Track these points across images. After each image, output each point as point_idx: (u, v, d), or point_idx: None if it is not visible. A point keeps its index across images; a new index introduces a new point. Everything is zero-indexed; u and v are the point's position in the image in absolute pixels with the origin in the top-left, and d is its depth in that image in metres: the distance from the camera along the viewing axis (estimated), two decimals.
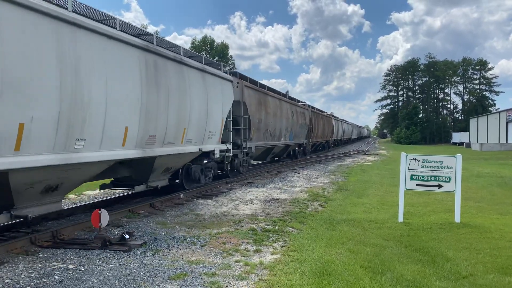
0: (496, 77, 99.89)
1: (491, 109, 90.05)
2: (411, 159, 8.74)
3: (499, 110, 66.39)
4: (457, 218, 8.57)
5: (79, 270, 5.41)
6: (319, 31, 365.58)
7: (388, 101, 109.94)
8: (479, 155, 38.28)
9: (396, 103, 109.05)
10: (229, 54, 79.80)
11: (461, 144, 68.79)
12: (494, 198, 12.31)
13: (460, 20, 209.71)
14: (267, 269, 5.49)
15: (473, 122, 69.95)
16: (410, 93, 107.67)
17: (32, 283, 4.91)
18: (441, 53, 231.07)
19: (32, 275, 5.19)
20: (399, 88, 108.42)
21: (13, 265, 5.53)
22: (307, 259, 5.84)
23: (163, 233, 7.43)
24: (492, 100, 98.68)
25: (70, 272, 5.31)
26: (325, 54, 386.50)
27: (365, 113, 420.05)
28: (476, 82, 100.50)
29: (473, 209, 10.27)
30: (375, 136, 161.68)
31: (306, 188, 14.06)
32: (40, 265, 5.56)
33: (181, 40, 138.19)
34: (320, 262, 5.71)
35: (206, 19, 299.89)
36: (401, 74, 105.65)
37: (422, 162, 8.69)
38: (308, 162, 25.20)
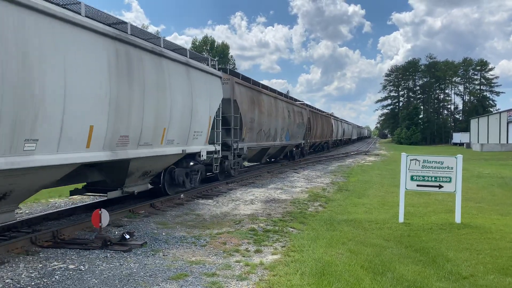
0: (496, 77, 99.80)
1: (491, 109, 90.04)
2: (412, 160, 8.75)
3: (500, 110, 66.37)
4: (458, 219, 8.57)
5: (80, 270, 5.41)
6: (320, 32, 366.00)
7: (389, 101, 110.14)
8: (479, 156, 38.27)
9: (397, 104, 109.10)
10: (229, 54, 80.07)
11: (461, 144, 68.79)
12: (495, 199, 12.31)
13: (460, 21, 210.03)
14: (267, 269, 5.49)
15: (473, 122, 69.92)
16: (410, 94, 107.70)
17: (33, 283, 4.92)
18: (442, 53, 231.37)
19: (32, 275, 5.19)
20: (399, 89, 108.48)
21: (14, 265, 5.53)
22: (307, 260, 5.84)
23: (163, 233, 7.43)
24: (493, 100, 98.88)
25: (71, 272, 5.31)
26: (326, 55, 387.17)
27: (366, 114, 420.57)
28: (476, 82, 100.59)
29: (474, 210, 10.27)
30: (375, 137, 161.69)
31: (307, 188, 14.06)
32: (41, 265, 5.56)
33: (181, 40, 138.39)
34: (321, 263, 5.71)
35: (207, 19, 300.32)
36: (402, 74, 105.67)
37: (423, 162, 8.69)
38: (308, 163, 25.20)
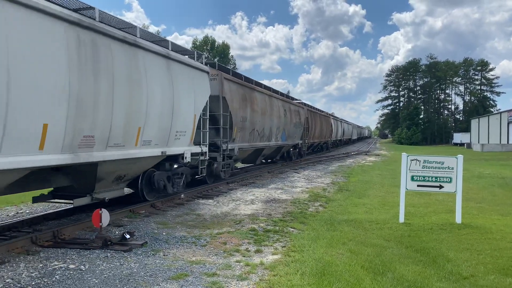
0: (497, 77, 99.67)
1: (492, 109, 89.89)
2: (412, 160, 8.74)
3: (500, 111, 66.27)
4: (458, 219, 8.56)
5: (80, 269, 5.42)
6: (320, 32, 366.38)
7: (389, 101, 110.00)
8: (480, 156, 38.25)
9: (397, 104, 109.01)
10: (230, 54, 79.99)
11: (462, 144, 68.74)
12: (495, 199, 12.30)
13: (461, 21, 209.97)
14: (267, 269, 5.49)
15: (474, 122, 69.85)
16: (411, 94, 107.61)
17: (33, 283, 4.92)
18: (442, 53, 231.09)
19: (33, 274, 5.20)
20: (400, 89, 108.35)
21: (14, 264, 5.54)
22: (307, 260, 5.84)
23: (164, 233, 7.44)
24: (493, 100, 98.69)
25: (71, 272, 5.32)
26: (326, 55, 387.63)
27: (366, 114, 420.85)
28: (477, 82, 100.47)
29: (474, 210, 10.27)
30: (376, 137, 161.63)
31: (307, 188, 14.05)
32: (41, 265, 5.56)
33: (182, 40, 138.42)
34: (321, 263, 5.71)
35: (207, 19, 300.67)
36: (402, 74, 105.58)
37: (423, 162, 8.69)
38: (309, 163, 25.20)
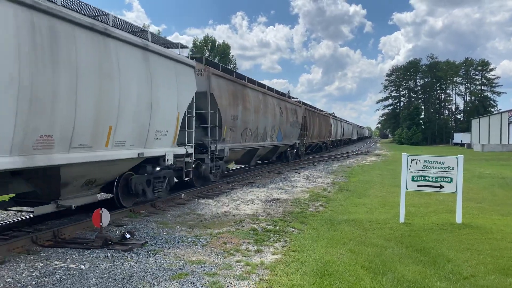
0: (498, 77, 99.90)
1: (492, 109, 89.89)
2: (413, 160, 8.74)
3: (501, 111, 66.26)
4: (459, 219, 8.56)
5: (80, 269, 5.42)
6: (321, 31, 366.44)
7: (390, 101, 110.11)
8: (480, 156, 38.23)
9: (398, 104, 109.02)
10: (230, 54, 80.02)
11: (462, 144, 68.71)
12: (496, 199, 12.30)
13: (462, 21, 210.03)
14: (268, 269, 5.49)
15: (474, 122, 69.83)
16: (411, 94, 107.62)
17: (33, 282, 4.92)
18: (443, 53, 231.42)
19: (33, 274, 5.20)
20: (400, 89, 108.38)
21: (14, 264, 5.54)
22: (308, 259, 5.84)
23: (164, 233, 7.44)
24: (494, 100, 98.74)
25: (71, 272, 5.32)
26: (327, 54, 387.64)
27: (367, 114, 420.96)
28: (478, 82, 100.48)
29: (475, 210, 10.26)
30: (376, 137, 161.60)
31: (307, 188, 14.05)
32: (41, 264, 5.57)
33: (182, 40, 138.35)
34: (321, 263, 5.71)
35: (208, 19, 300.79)
36: (403, 74, 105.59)
37: (424, 162, 8.68)
38: (309, 163, 25.21)
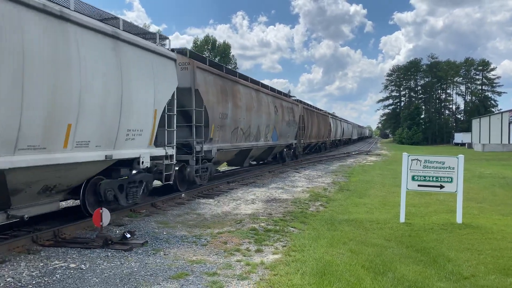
0: (498, 77, 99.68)
1: (493, 109, 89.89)
2: (413, 160, 8.73)
3: (502, 110, 66.28)
4: (459, 219, 8.55)
5: (81, 269, 5.42)
6: (321, 31, 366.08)
7: (390, 101, 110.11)
8: (481, 156, 38.21)
9: (398, 104, 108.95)
10: (231, 54, 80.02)
11: (463, 144, 68.69)
12: (496, 199, 12.29)
13: (462, 21, 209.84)
14: (268, 269, 5.49)
15: (475, 122, 69.81)
16: (412, 94, 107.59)
17: (34, 282, 4.93)
18: (444, 53, 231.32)
19: (33, 273, 5.20)
20: (401, 89, 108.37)
21: (15, 263, 5.54)
22: (308, 259, 5.84)
23: (164, 233, 7.44)
24: (495, 100, 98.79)
25: (72, 271, 5.32)
26: (327, 54, 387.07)
27: (367, 113, 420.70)
28: (478, 82, 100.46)
29: (475, 210, 10.26)
30: (377, 137, 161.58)
31: (308, 188, 14.05)
32: (42, 264, 5.57)
33: (183, 39, 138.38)
34: (321, 262, 5.70)
35: (208, 18, 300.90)
36: (403, 74, 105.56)
37: (424, 162, 8.68)
38: (309, 162, 25.21)
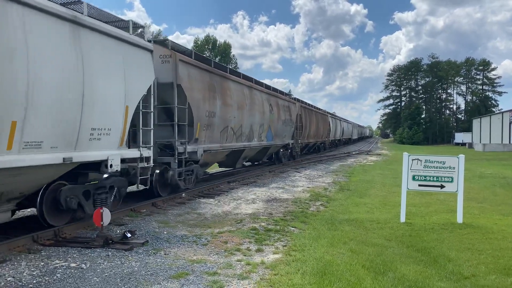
0: (499, 77, 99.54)
1: (494, 109, 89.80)
2: (414, 159, 8.73)
3: (502, 110, 66.24)
4: (459, 219, 8.55)
5: (81, 268, 5.43)
6: (322, 31, 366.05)
7: (391, 101, 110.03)
8: (481, 156, 38.18)
9: (399, 103, 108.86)
10: (231, 54, 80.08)
11: (463, 144, 68.63)
12: (497, 199, 12.28)
13: (463, 20, 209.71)
14: (268, 268, 5.49)
15: (476, 122, 69.78)
16: (412, 93, 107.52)
17: (34, 281, 4.93)
18: (444, 53, 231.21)
19: (34, 273, 5.21)
20: (401, 88, 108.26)
21: (15, 263, 5.55)
22: (308, 259, 5.84)
23: (165, 232, 7.44)
24: (495, 100, 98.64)
25: (72, 271, 5.33)
26: (328, 54, 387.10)
27: (368, 113, 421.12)
28: (479, 82, 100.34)
29: (476, 210, 10.25)
30: (377, 136, 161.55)
31: (308, 188, 14.05)
32: (42, 263, 5.58)
33: (183, 39, 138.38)
34: (322, 262, 5.71)
35: (209, 18, 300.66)
36: (404, 74, 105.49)
37: (425, 162, 8.67)
38: (310, 162, 25.22)
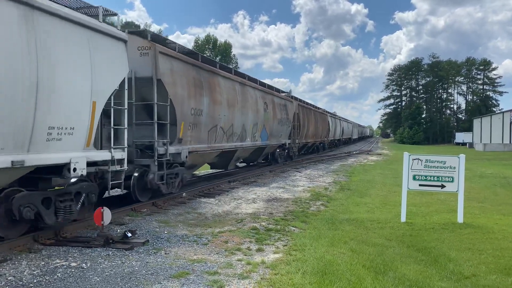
0: (500, 77, 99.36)
1: (494, 109, 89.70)
2: (414, 159, 8.73)
3: (503, 110, 66.17)
4: (460, 219, 8.55)
5: (82, 267, 5.43)
6: (322, 31, 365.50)
7: (391, 101, 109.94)
8: (482, 156, 38.17)
9: (399, 103, 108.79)
10: (232, 53, 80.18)
11: (464, 144, 68.62)
12: (497, 199, 12.28)
13: (463, 20, 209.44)
14: (269, 268, 5.49)
15: (476, 122, 69.74)
16: (413, 93, 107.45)
17: (35, 280, 4.94)
18: (445, 53, 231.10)
19: (34, 272, 5.21)
20: (402, 88, 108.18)
21: (16, 262, 5.55)
22: (309, 259, 5.84)
23: (165, 232, 7.45)
24: (496, 100, 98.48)
25: (73, 270, 5.33)
26: (328, 54, 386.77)
27: (368, 113, 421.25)
28: (479, 82, 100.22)
29: (476, 210, 10.25)
30: (378, 136, 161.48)
31: (309, 187, 14.05)
32: (43, 263, 5.58)
33: (184, 39, 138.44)
34: (322, 262, 5.71)
35: (209, 18, 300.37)
36: (405, 74, 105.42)
37: (425, 162, 8.67)
38: (310, 162, 25.21)
